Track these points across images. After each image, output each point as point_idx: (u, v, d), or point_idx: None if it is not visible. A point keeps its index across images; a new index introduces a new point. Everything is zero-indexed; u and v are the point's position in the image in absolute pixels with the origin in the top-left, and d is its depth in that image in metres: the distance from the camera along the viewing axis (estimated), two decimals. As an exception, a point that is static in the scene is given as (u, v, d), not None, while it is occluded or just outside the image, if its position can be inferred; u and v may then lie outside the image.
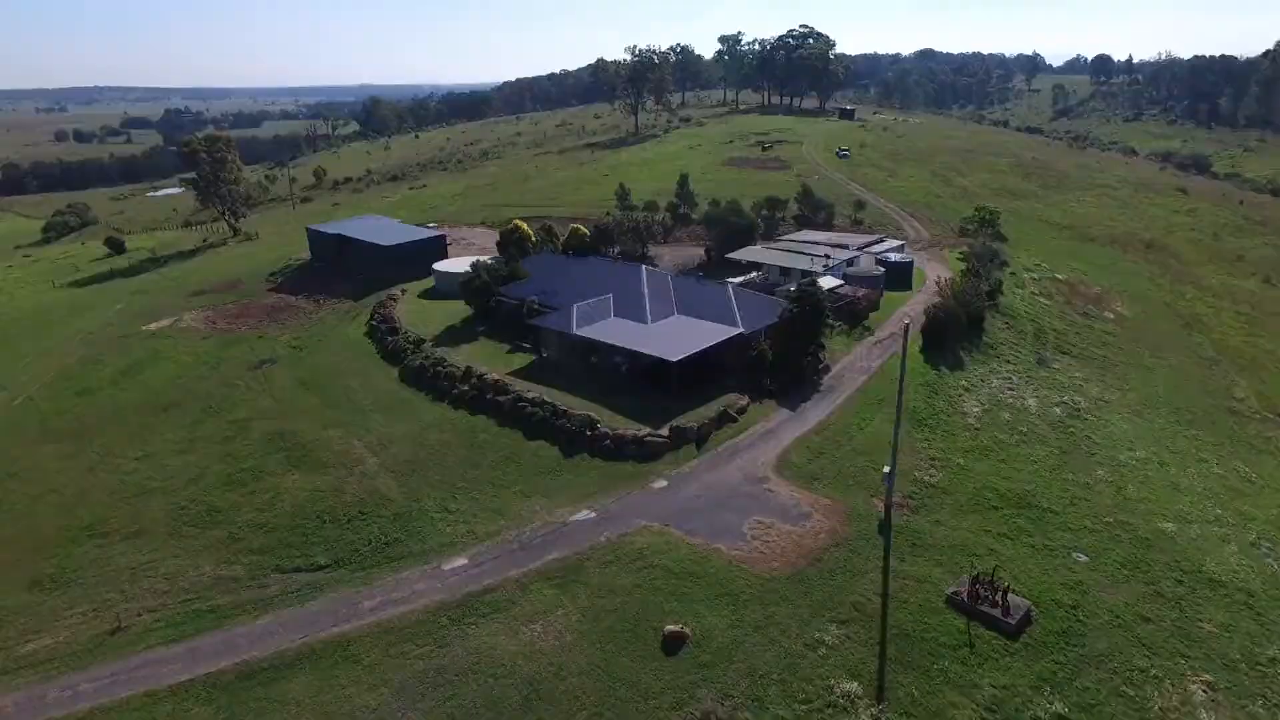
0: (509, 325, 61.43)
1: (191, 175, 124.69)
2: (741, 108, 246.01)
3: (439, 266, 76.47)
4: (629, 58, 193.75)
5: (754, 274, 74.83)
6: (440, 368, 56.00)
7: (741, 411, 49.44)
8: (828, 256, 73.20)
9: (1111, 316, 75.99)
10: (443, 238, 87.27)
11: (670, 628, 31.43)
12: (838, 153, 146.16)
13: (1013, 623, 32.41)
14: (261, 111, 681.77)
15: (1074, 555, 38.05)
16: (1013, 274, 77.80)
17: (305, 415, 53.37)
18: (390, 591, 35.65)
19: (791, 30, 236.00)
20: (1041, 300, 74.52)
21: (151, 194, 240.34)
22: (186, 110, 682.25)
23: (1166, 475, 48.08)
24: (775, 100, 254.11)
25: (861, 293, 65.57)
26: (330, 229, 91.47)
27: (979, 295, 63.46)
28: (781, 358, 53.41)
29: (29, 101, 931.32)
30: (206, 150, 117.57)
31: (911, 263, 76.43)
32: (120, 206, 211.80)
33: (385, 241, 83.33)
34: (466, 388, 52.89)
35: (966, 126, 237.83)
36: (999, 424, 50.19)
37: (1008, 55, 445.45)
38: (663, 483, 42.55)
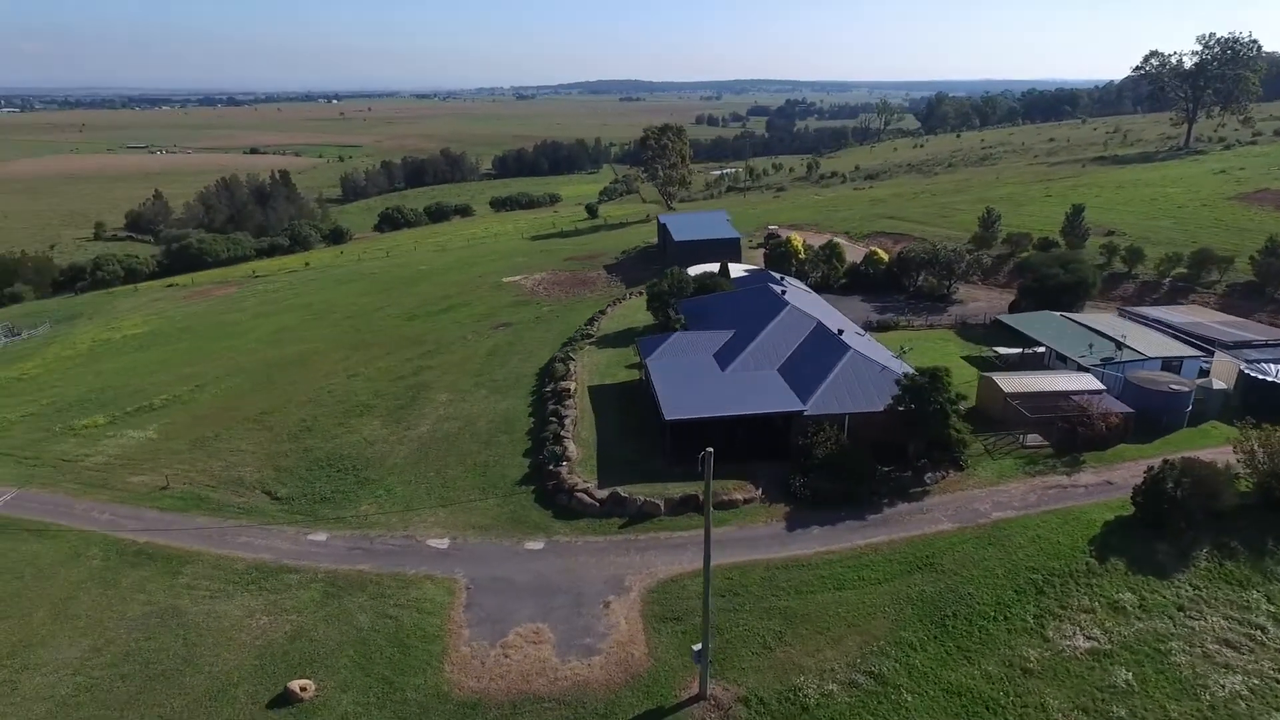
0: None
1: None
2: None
3: (694, 270, 74.86)
4: (1198, 49, 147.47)
5: (1021, 349, 54.53)
6: (560, 363, 56.90)
7: (724, 506, 38.72)
8: (1119, 345, 48.87)
9: None
10: (737, 240, 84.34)
11: (293, 683, 28.71)
12: None
13: None
14: (865, 104, 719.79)
15: None
16: None
17: (452, 370, 60.34)
18: (273, 538, 39.86)
19: None
20: None
21: (716, 171, 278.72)
22: (803, 101, 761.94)
23: None
24: None
25: (1106, 409, 42.65)
26: (665, 219, 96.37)
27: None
28: (847, 458, 39.46)
29: (703, 91, 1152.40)
30: (655, 138, 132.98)
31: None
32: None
33: (680, 237, 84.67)
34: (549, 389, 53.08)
35: None
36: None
37: None
38: (539, 545, 36.97)
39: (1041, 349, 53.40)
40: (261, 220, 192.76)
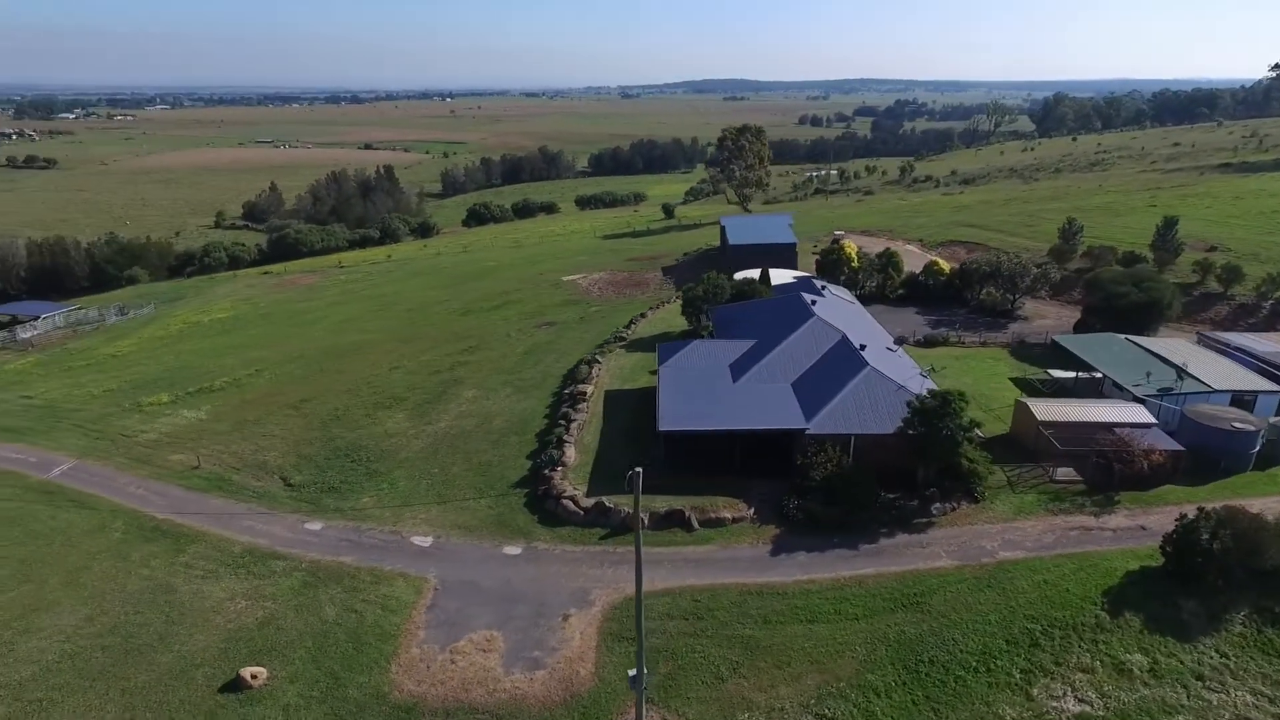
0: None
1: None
2: None
3: (740, 275, 73.02)
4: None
5: (1075, 373, 50.20)
6: (584, 365, 56.58)
7: (711, 523, 37.23)
8: (1179, 374, 44.04)
9: None
10: (792, 245, 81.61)
11: (245, 670, 29.38)
12: None
13: None
14: (981, 105, 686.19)
15: None
16: None
17: (486, 367, 61.07)
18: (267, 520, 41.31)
19: None
20: None
21: (812, 172, 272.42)
22: (913, 102, 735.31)
23: None
24: None
25: (1149, 445, 38.46)
26: (725, 221, 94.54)
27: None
28: (847, 481, 37.20)
29: (810, 90, 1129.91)
30: (732, 139, 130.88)
31: None
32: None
33: (735, 240, 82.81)
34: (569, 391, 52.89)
35: None
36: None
37: None
38: (517, 550, 36.62)
39: (1100, 374, 48.94)
40: (361, 213, 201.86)
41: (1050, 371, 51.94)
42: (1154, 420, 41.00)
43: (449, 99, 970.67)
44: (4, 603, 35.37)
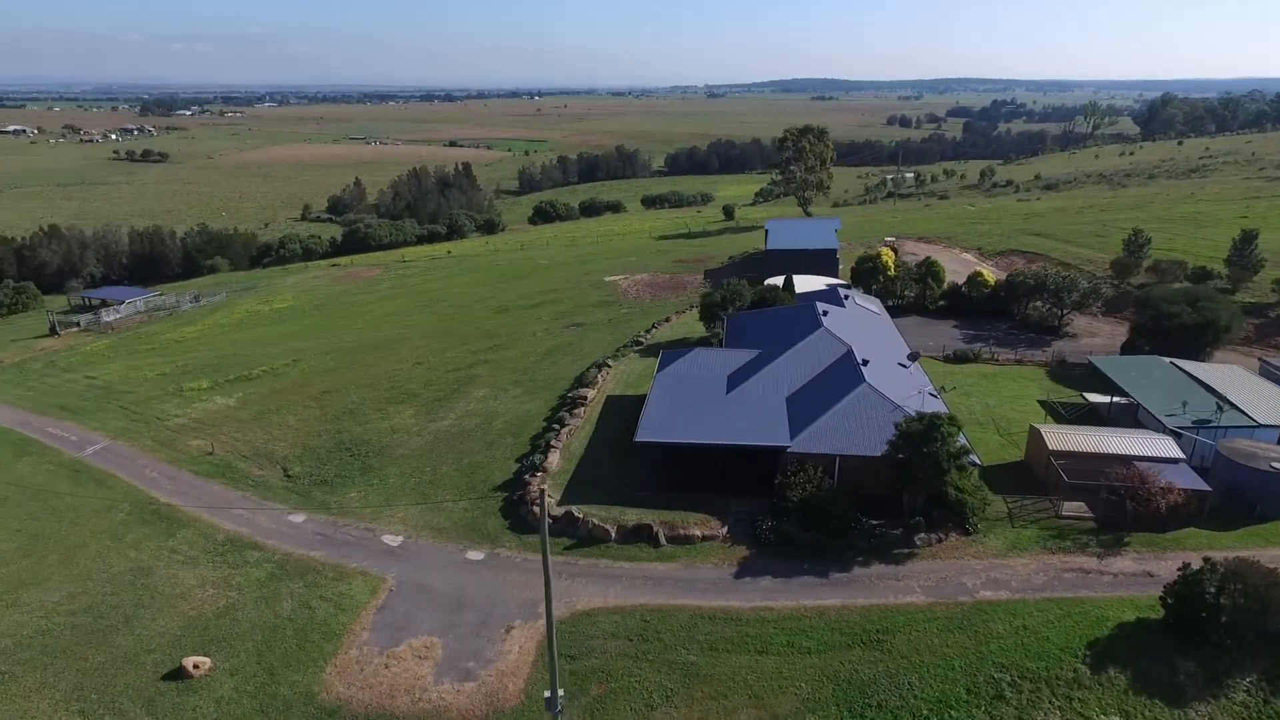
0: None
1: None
2: None
3: (770, 281, 70.85)
4: None
5: (1110, 398, 46.30)
6: (594, 369, 55.93)
7: (679, 540, 35.85)
8: (1220, 406, 39.78)
9: None
10: (833, 251, 78.65)
11: (188, 660, 29.91)
12: None
13: None
14: (1086, 106, 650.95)
15: None
16: None
17: (503, 367, 61.27)
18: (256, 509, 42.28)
19: None
20: None
21: (900, 175, 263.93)
22: (1011, 102, 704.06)
23: None
24: None
25: (1168, 483, 34.84)
26: (770, 224, 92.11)
27: None
28: (825, 504, 35.22)
29: (903, 90, 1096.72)
30: (794, 140, 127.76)
31: None
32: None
33: (774, 245, 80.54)
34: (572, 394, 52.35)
35: None
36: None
37: None
38: (480, 555, 36.20)
39: (1115, 398, 45.03)
40: (435, 208, 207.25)
41: (1086, 395, 48.12)
42: (1181, 455, 37.24)
43: (536, 97, 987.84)
44: (3, 575, 37.32)
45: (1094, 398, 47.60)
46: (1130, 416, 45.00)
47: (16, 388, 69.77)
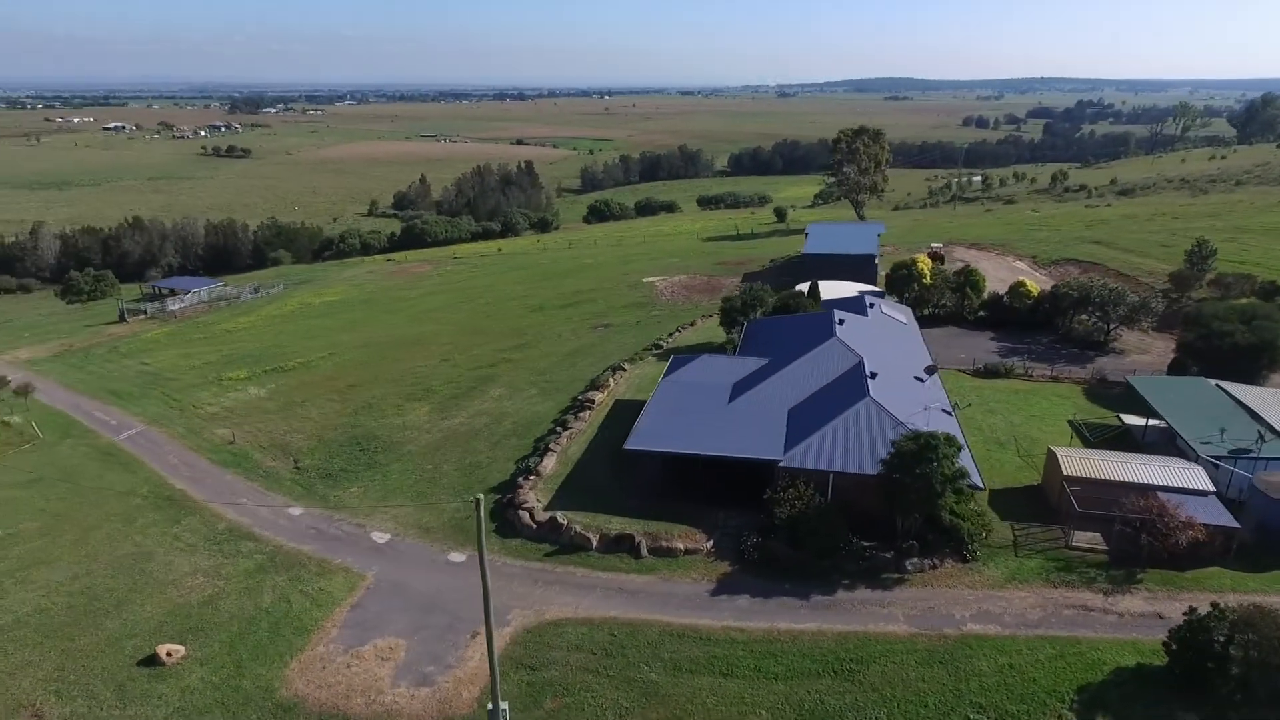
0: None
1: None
2: None
3: (801, 286, 68.88)
4: None
5: (1146, 421, 43.21)
6: (607, 372, 55.38)
7: (661, 552, 34.92)
8: (1261, 435, 36.47)
9: None
10: (871, 257, 75.99)
11: (161, 647, 30.55)
12: None
13: None
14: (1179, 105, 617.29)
15: None
16: None
17: (524, 366, 61.35)
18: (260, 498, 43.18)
19: None
20: None
21: (966, 178, 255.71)
22: (1098, 102, 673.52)
23: None
24: None
25: (1189, 517, 32.08)
26: (811, 228, 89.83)
27: None
28: (814, 523, 33.79)
29: (982, 89, 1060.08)
30: (847, 142, 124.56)
31: None
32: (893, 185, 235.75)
33: (810, 249, 78.46)
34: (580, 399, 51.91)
35: None
36: None
37: None
38: (461, 558, 36.03)
39: (1149, 422, 41.91)
40: (494, 206, 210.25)
41: (1121, 417, 45.00)
42: (1210, 487, 34.34)
43: (605, 96, 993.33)
44: (20, 553, 39.06)
45: (1130, 420, 44.47)
46: (1169, 442, 41.83)
47: (78, 371, 73.45)
